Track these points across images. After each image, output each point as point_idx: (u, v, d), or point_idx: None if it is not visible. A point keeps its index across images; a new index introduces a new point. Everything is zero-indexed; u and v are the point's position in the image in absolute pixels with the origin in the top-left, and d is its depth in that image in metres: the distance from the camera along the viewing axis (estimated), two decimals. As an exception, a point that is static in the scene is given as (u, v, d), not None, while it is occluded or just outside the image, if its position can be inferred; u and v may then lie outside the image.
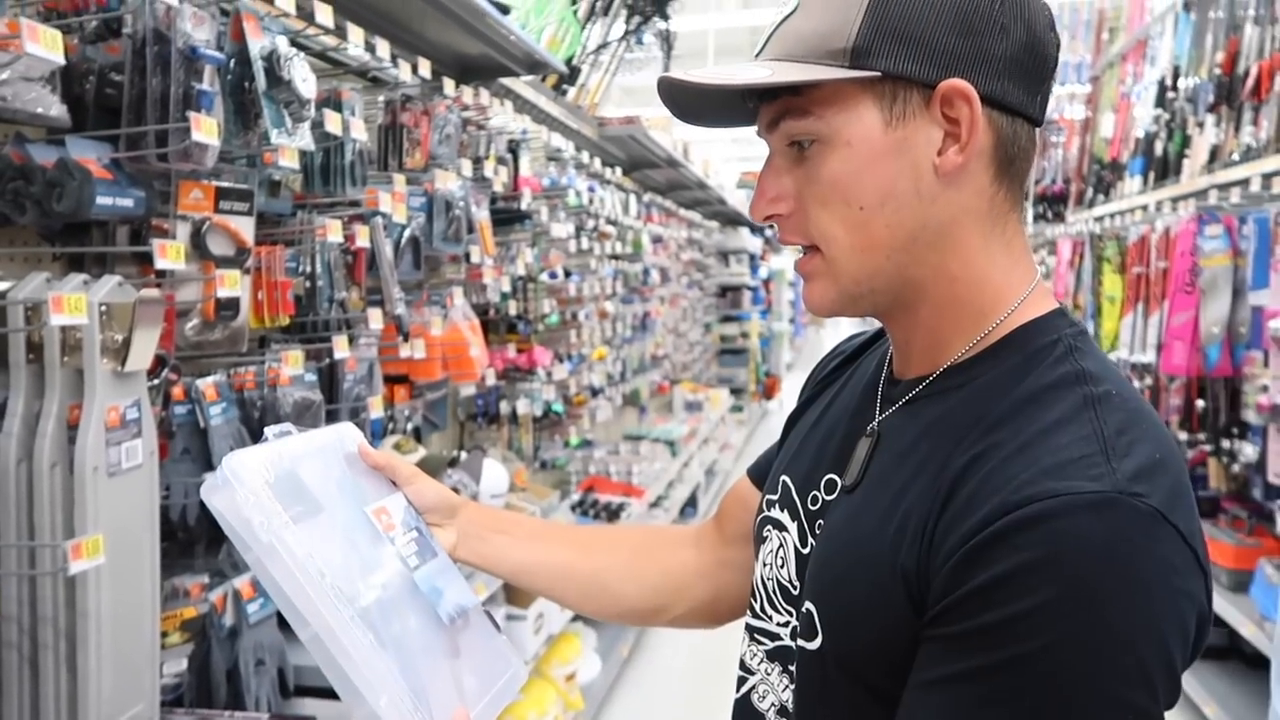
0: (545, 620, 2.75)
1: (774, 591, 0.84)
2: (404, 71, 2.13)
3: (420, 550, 0.87)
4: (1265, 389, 2.87)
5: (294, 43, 1.70)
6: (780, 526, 0.85)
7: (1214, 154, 3.40)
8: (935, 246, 0.73)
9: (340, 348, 1.86)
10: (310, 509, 0.80)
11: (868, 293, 0.74)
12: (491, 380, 2.74)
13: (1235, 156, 3.19)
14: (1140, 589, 0.59)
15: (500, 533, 1.00)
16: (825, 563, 0.77)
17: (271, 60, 1.50)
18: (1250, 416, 3.10)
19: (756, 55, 0.75)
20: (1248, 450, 3.11)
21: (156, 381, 1.44)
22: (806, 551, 0.81)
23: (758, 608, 0.87)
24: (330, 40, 1.91)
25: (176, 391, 1.49)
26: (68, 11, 1.38)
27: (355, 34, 1.89)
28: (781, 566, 0.84)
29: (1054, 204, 5.97)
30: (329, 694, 1.73)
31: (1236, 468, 3.22)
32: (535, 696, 2.70)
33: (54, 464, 1.23)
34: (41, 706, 1.25)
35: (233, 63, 1.49)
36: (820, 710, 0.76)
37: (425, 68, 2.21)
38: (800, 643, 0.77)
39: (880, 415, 0.79)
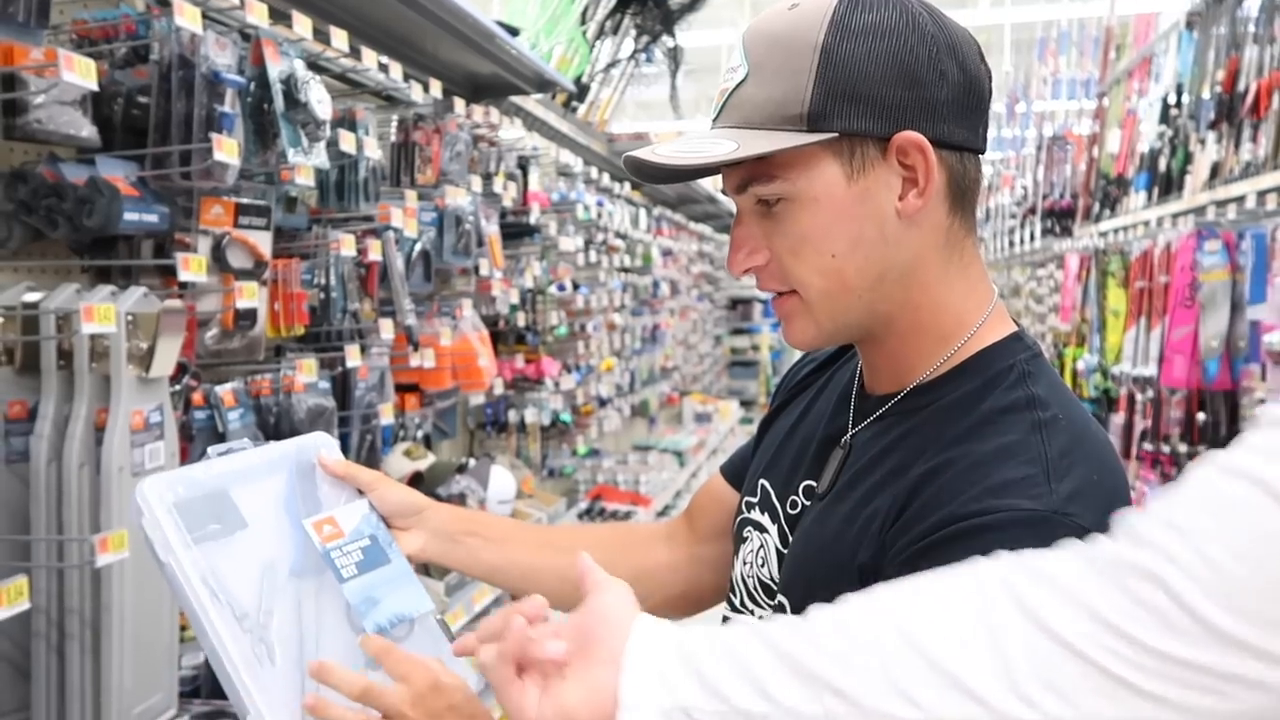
0: (551, 624, 2.81)
1: (754, 588, 0.90)
2: (416, 91, 2.21)
3: (366, 560, 0.86)
4: (1263, 402, 2.91)
5: (312, 64, 1.79)
6: (761, 528, 0.90)
7: (1215, 170, 3.45)
8: (900, 283, 0.78)
9: (353, 357, 1.93)
10: (229, 527, 0.81)
11: (842, 328, 0.81)
12: (500, 390, 2.81)
13: (1235, 173, 3.24)
14: None
15: (471, 534, 1.00)
16: (797, 562, 0.83)
17: (289, 83, 1.58)
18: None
19: (714, 120, 0.79)
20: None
21: (178, 387, 1.50)
22: (786, 551, 0.87)
23: (737, 603, 0.92)
24: (347, 62, 1.99)
25: (196, 397, 1.56)
26: (99, 39, 1.46)
27: (369, 57, 1.97)
28: (762, 566, 0.89)
29: (1062, 218, 6.01)
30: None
31: (1236, 480, 3.25)
32: (540, 699, 2.76)
33: (82, 464, 1.30)
34: (68, 693, 1.32)
35: (253, 86, 1.56)
36: None
37: (436, 88, 2.29)
38: None
39: (853, 428, 0.85)
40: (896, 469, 0.77)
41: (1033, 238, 6.60)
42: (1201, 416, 3.39)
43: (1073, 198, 5.93)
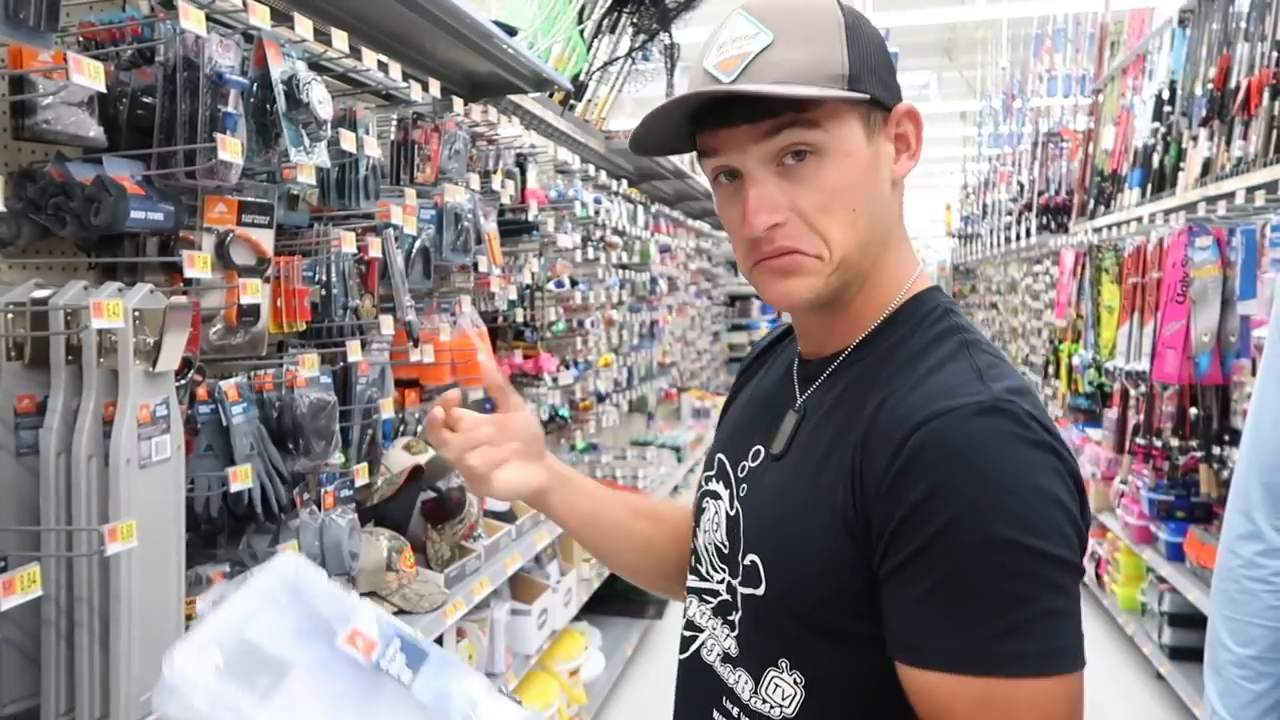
0: (549, 616, 2.84)
1: (713, 554, 0.96)
2: (415, 91, 2.24)
3: (411, 658, 0.81)
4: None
5: (314, 65, 1.82)
6: (716, 496, 0.97)
7: (1207, 167, 3.48)
8: (885, 242, 0.87)
9: (354, 352, 1.96)
10: (276, 673, 0.75)
11: (840, 286, 0.86)
12: (499, 385, 2.84)
13: (1227, 170, 3.27)
14: (1028, 468, 0.74)
15: (574, 480, 1.09)
16: (767, 519, 0.89)
17: (291, 84, 1.61)
18: (1240, 424, 3.17)
19: (733, 80, 0.81)
20: (1237, 457, 3.17)
21: (183, 382, 1.53)
22: (734, 513, 0.93)
23: (703, 570, 0.98)
24: (348, 62, 2.02)
25: (201, 392, 1.59)
26: (105, 41, 1.49)
27: (369, 57, 2.00)
28: (716, 531, 0.96)
29: (1058, 215, 6.04)
30: (341, 677, 1.83)
31: (1227, 474, 3.29)
32: (539, 690, 2.80)
33: (90, 456, 1.33)
34: (77, 679, 1.35)
35: (255, 87, 1.59)
36: (761, 647, 0.88)
37: (435, 87, 2.32)
38: (744, 591, 0.89)
39: (802, 395, 0.92)
40: (850, 417, 0.84)
41: (1029, 234, 6.63)
42: (1193, 411, 3.42)
43: (1068, 194, 5.96)
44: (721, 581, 0.94)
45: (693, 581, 1.00)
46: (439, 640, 2.11)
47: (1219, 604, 1.28)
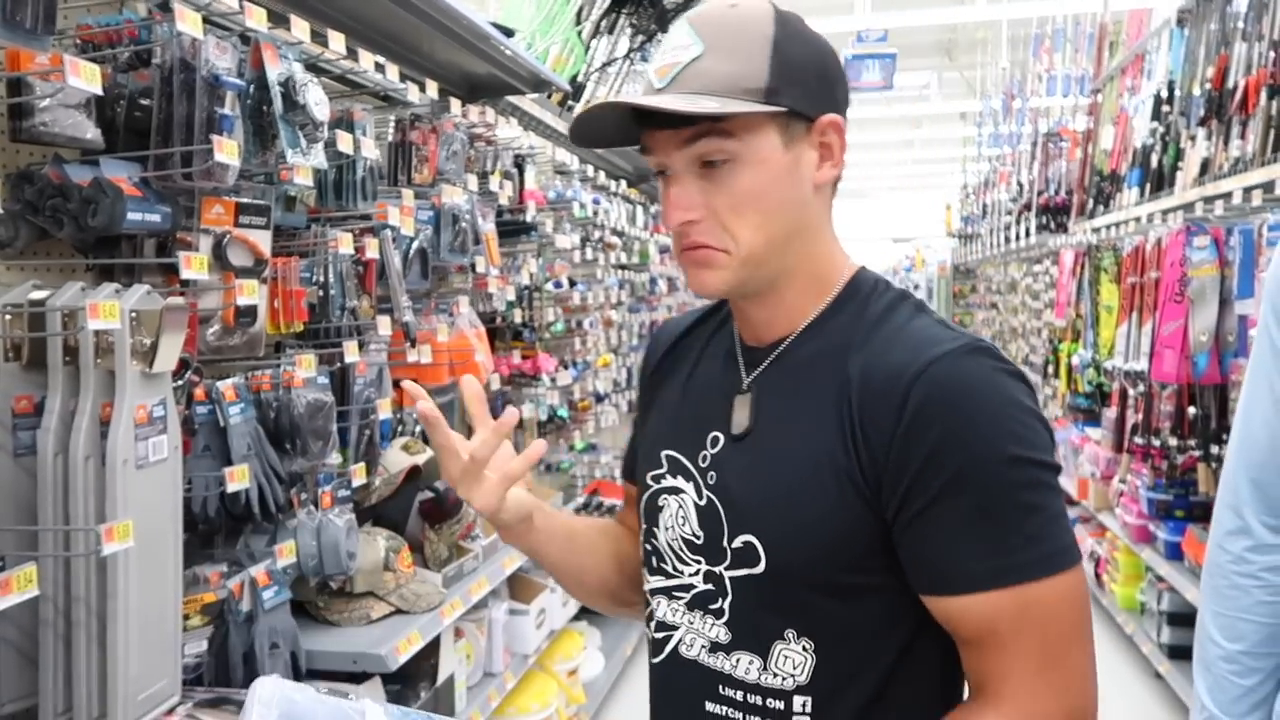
0: (547, 616, 2.85)
1: (681, 549, 0.98)
2: (413, 92, 2.25)
3: None
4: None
5: (311, 66, 1.82)
6: (677, 491, 0.99)
7: (1205, 167, 3.48)
8: (806, 239, 0.94)
9: (351, 353, 1.97)
10: None
11: (754, 278, 0.93)
12: (496, 385, 2.85)
13: (1225, 169, 3.27)
14: (1015, 397, 0.85)
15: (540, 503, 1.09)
16: (756, 498, 0.92)
17: (288, 86, 1.62)
18: (1237, 423, 3.17)
19: (661, 89, 0.89)
20: (1226, 453, 3.17)
21: (180, 383, 1.54)
22: (704, 503, 0.95)
23: (669, 569, 0.99)
24: (345, 63, 2.03)
25: (198, 392, 1.60)
26: (102, 44, 1.50)
27: (367, 58, 2.00)
28: (683, 525, 0.97)
29: (1057, 214, 6.04)
30: (338, 676, 1.84)
31: (1225, 473, 3.29)
32: (538, 689, 2.80)
33: (88, 456, 1.34)
34: (74, 679, 1.36)
35: (252, 88, 1.60)
36: (765, 624, 0.91)
37: (433, 89, 2.33)
38: (734, 574, 0.92)
39: (749, 376, 0.97)
40: (828, 386, 0.90)
41: (1028, 233, 6.63)
42: (1192, 410, 3.42)
43: (1068, 194, 5.96)
44: (696, 573, 0.96)
45: (656, 582, 1.01)
46: (436, 640, 2.12)
47: (1208, 600, 1.28)
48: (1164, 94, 4.03)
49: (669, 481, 1.00)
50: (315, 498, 1.86)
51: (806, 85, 0.89)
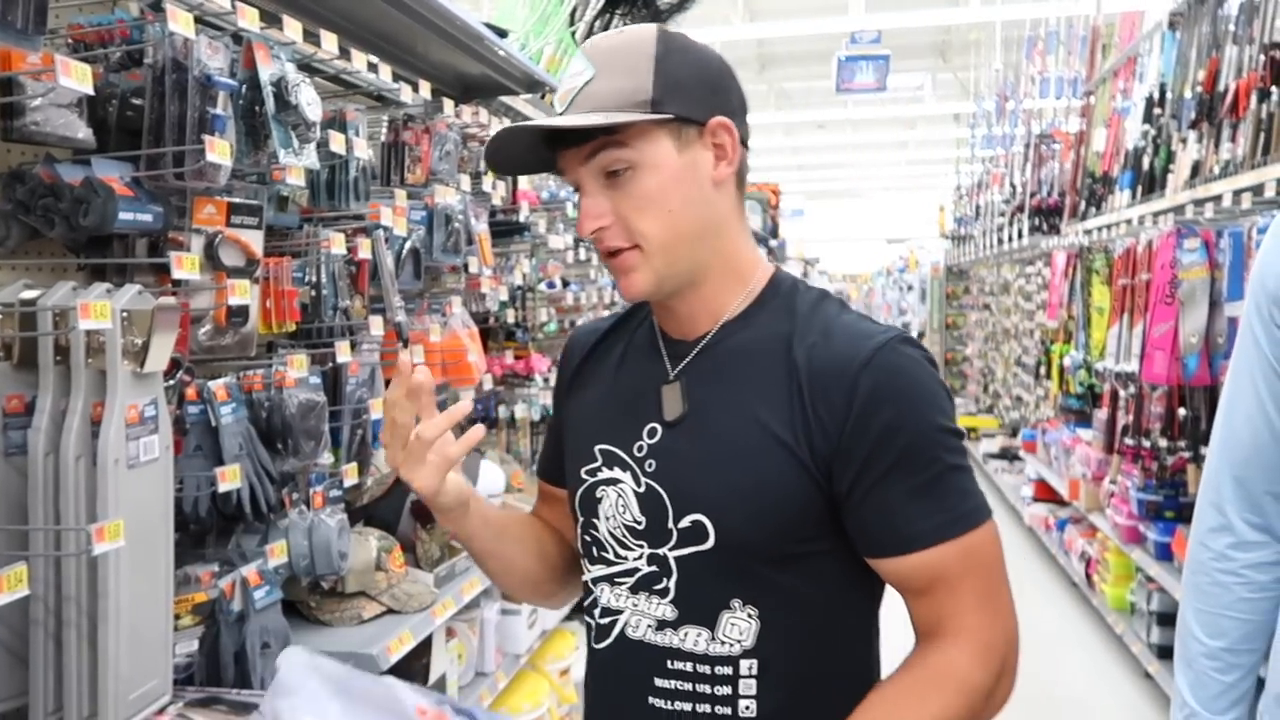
0: (539, 615, 2.85)
1: (624, 536, 1.04)
2: (406, 92, 2.25)
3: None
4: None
5: (303, 66, 1.82)
6: (614, 482, 1.05)
7: (1196, 169, 3.50)
8: (716, 235, 1.02)
9: (343, 353, 1.97)
10: None
11: (674, 275, 1.01)
12: (489, 385, 2.85)
13: (1215, 172, 3.29)
14: (937, 378, 0.99)
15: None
16: (699, 480, 0.99)
17: (280, 86, 1.62)
18: (1228, 425, 3.18)
19: (563, 111, 0.99)
20: (1208, 451, 3.19)
21: (172, 382, 1.54)
22: (643, 490, 1.02)
23: (610, 556, 1.05)
24: (338, 63, 2.03)
25: (190, 392, 1.60)
26: (94, 43, 1.50)
27: (359, 59, 2.01)
28: (624, 512, 1.03)
29: (1049, 216, 6.06)
30: (329, 676, 1.83)
31: (1215, 474, 3.30)
32: (529, 688, 2.81)
33: (79, 456, 1.34)
34: (65, 679, 1.35)
35: (244, 88, 1.60)
36: (712, 597, 0.98)
37: (426, 89, 2.33)
38: (680, 553, 0.99)
39: (676, 367, 1.05)
40: (767, 373, 0.99)
41: (1021, 235, 6.65)
42: (1182, 412, 3.44)
43: (1060, 196, 5.98)
44: (640, 557, 1.02)
45: (598, 570, 1.07)
46: (428, 640, 2.12)
47: (1190, 597, 1.30)
48: (1155, 97, 4.05)
49: (605, 474, 1.06)
50: (307, 498, 1.86)
51: (691, 94, 0.98)
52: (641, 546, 1.03)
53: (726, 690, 0.99)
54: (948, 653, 0.96)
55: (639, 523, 1.03)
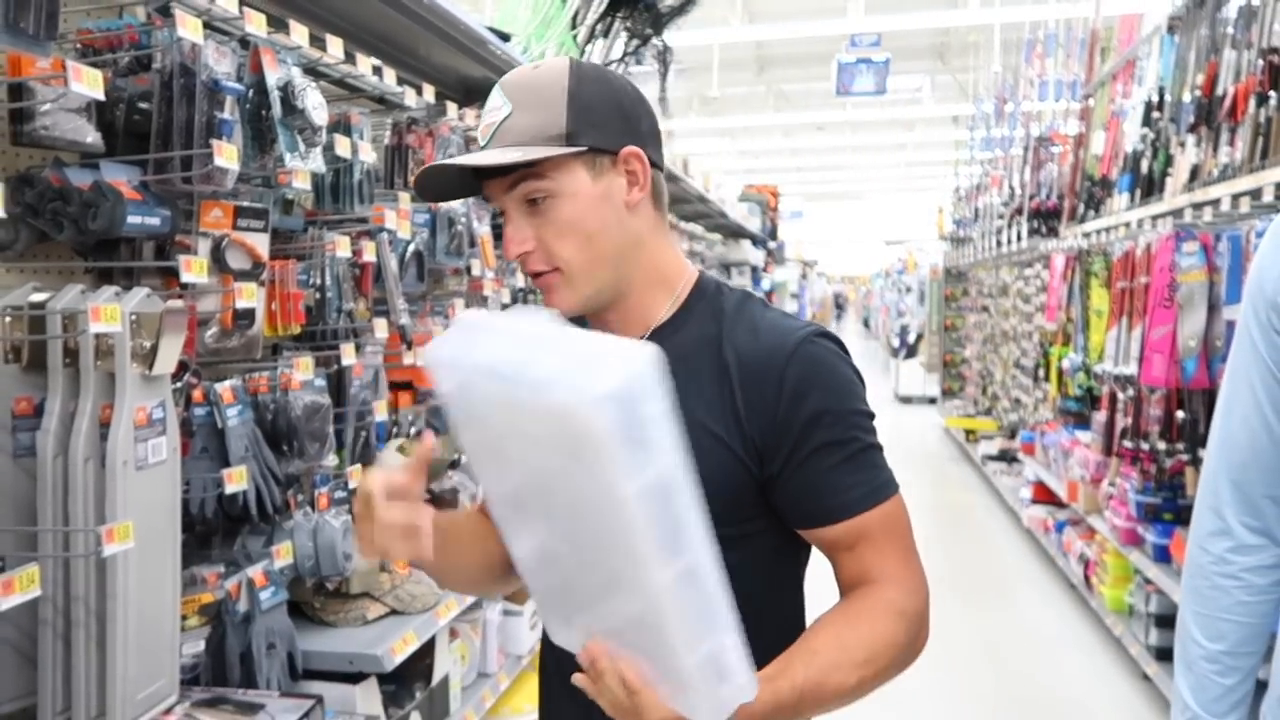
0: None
1: None
2: (409, 96, 2.26)
3: None
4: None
5: (309, 70, 1.84)
6: None
7: (1194, 173, 3.51)
8: (635, 253, 1.09)
9: (348, 355, 1.98)
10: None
11: (596, 292, 1.08)
12: (492, 387, 2.85)
13: (1214, 175, 3.30)
14: (852, 365, 1.09)
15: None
16: None
17: (286, 90, 1.63)
18: (1226, 427, 3.19)
19: (484, 145, 1.05)
20: (1205, 454, 3.20)
21: (179, 385, 1.55)
22: None
23: None
24: (343, 67, 2.04)
25: (197, 394, 1.61)
26: (103, 48, 1.51)
27: (364, 63, 2.02)
28: None
29: (1048, 219, 6.07)
30: (334, 677, 1.85)
31: (1213, 477, 3.31)
32: (531, 690, 2.81)
33: (87, 458, 1.35)
34: (73, 679, 1.37)
35: (251, 93, 1.61)
36: None
37: (430, 92, 2.34)
38: None
39: None
40: (701, 371, 1.06)
41: (1020, 238, 6.66)
42: (1180, 415, 3.45)
43: (1059, 198, 5.99)
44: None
45: None
46: (431, 641, 2.13)
47: (1189, 600, 1.30)
48: (1154, 100, 4.06)
49: None
50: (312, 499, 1.87)
51: (604, 125, 1.05)
52: None
53: None
54: (879, 588, 1.06)
55: None
